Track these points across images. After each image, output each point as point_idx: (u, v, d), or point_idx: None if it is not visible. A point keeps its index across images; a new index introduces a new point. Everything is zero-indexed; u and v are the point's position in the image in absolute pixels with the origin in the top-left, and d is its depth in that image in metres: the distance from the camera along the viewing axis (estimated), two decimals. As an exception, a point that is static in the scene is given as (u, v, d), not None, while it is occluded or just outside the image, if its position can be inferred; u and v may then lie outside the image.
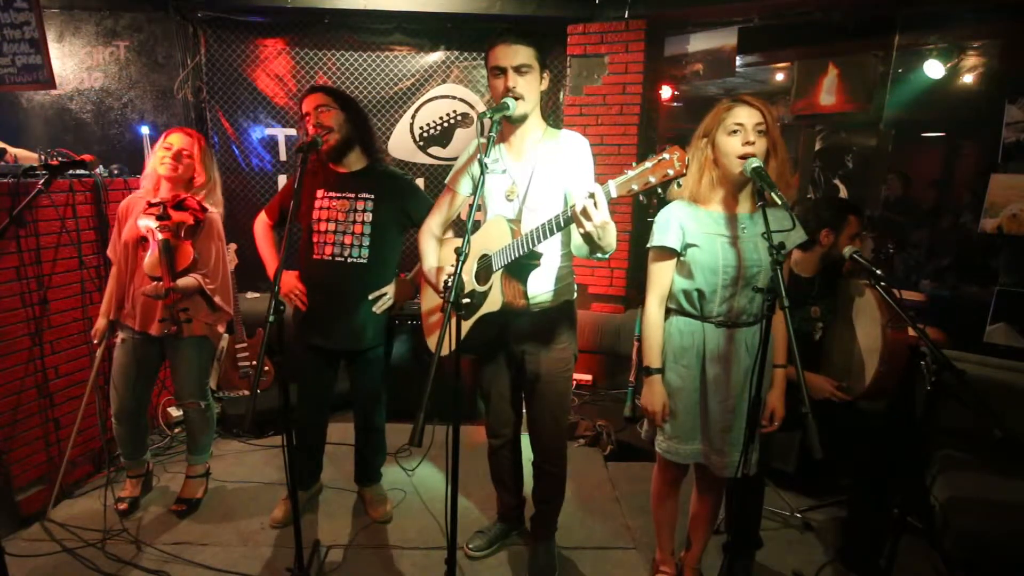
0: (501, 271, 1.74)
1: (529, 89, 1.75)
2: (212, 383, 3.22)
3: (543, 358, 1.93)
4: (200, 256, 2.30)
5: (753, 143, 1.61)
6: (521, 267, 1.75)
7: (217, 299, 2.36)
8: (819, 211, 2.17)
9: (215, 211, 2.38)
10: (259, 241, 2.37)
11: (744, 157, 1.60)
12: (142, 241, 2.27)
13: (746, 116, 1.62)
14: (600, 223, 1.40)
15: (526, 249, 1.65)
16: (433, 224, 2.03)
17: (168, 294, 2.18)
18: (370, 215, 2.20)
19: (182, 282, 2.23)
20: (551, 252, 1.84)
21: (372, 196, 2.20)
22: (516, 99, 1.72)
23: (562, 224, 1.56)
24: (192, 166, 2.30)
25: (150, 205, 2.24)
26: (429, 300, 2.16)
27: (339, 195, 2.21)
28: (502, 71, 1.73)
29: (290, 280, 2.24)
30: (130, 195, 2.39)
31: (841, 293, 2.27)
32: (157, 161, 2.26)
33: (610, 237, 1.48)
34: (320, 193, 2.23)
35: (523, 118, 1.80)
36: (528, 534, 2.30)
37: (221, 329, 2.47)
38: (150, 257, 2.23)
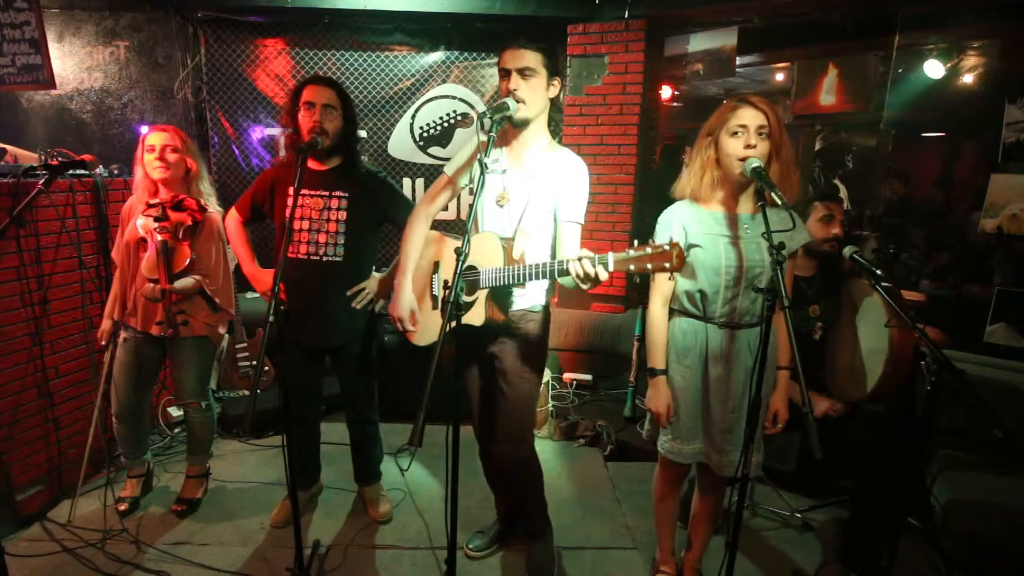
0: (488, 290, 1.77)
1: (532, 94, 1.73)
2: (212, 383, 3.22)
3: (509, 363, 1.90)
4: (199, 257, 2.30)
5: (754, 146, 1.60)
6: (508, 291, 1.83)
7: (218, 300, 2.36)
8: None
9: (215, 211, 2.38)
10: (232, 239, 2.35)
11: (744, 159, 1.60)
12: (142, 242, 2.27)
13: (750, 118, 1.62)
14: (592, 284, 1.50)
15: (517, 281, 1.72)
16: (432, 208, 1.97)
17: (164, 295, 2.18)
18: (344, 214, 2.17)
19: (179, 283, 2.23)
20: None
21: (346, 195, 2.17)
22: (517, 102, 1.71)
23: (555, 275, 1.60)
24: (181, 159, 2.28)
25: (149, 206, 2.25)
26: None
27: (312, 193, 2.17)
28: (507, 73, 1.74)
29: (268, 279, 2.22)
30: (132, 196, 2.39)
31: (844, 293, 2.27)
32: (148, 167, 2.25)
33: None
34: (292, 191, 2.15)
35: (524, 123, 1.78)
36: (528, 534, 2.30)
37: (222, 330, 2.47)
38: (147, 258, 2.23)
